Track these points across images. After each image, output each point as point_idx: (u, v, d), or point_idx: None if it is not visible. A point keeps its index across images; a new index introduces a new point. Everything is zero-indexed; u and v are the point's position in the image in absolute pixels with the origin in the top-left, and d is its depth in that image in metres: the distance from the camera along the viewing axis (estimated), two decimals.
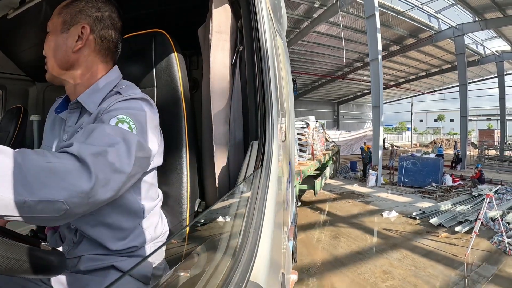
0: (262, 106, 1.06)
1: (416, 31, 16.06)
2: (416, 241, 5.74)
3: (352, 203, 8.77)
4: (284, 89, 1.87)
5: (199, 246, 0.73)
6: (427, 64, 22.11)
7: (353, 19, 13.74)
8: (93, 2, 1.04)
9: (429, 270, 4.62)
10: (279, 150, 1.14)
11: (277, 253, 0.96)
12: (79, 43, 1.01)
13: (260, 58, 1.10)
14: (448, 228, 6.31)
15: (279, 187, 1.08)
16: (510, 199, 7.87)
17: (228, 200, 0.86)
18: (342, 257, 5.04)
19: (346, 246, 5.49)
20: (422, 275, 4.44)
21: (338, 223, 6.84)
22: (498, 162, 18.41)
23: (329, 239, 5.84)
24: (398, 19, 14.15)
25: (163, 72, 1.28)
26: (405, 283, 4.24)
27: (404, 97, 35.33)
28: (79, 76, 1.04)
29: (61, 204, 0.66)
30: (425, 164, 11.43)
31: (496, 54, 19.55)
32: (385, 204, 8.24)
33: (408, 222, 6.89)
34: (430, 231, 6.21)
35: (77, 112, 1.06)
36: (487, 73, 23.29)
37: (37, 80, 2.43)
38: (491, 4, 12.06)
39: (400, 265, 4.77)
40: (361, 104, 36.67)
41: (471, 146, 22.44)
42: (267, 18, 1.20)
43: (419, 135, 40.89)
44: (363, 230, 6.41)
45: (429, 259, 4.98)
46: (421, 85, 29.28)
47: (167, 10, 1.55)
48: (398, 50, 18.31)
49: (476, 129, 34.76)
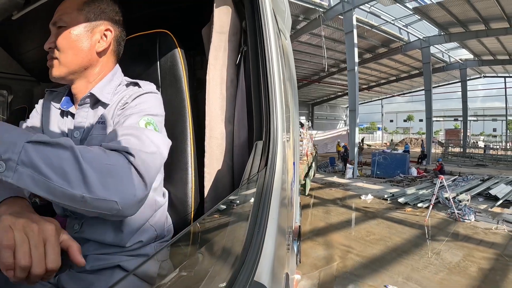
0: (266, 106, 1.05)
1: (388, 41, 17.94)
2: (388, 214, 7.73)
3: (335, 190, 10.74)
4: (289, 89, 1.86)
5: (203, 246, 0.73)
6: (397, 70, 24.21)
7: (332, 31, 15.24)
8: (113, 6, 1.08)
9: (399, 229, 6.60)
10: (283, 150, 1.14)
11: (281, 253, 0.96)
12: (103, 44, 1.05)
13: (264, 58, 1.09)
14: (412, 205, 8.31)
15: (284, 187, 1.08)
16: (463, 185, 10.56)
17: (232, 200, 0.86)
18: (335, 224, 6.95)
19: (337, 218, 7.48)
20: (394, 232, 6.41)
21: (326, 204, 8.81)
22: (460, 158, 21.22)
23: (322, 214, 7.80)
24: (372, 32, 15.91)
25: (167, 72, 1.28)
26: (383, 236, 6.17)
27: (376, 99, 38.47)
28: (95, 75, 1.07)
29: (115, 204, 0.73)
30: (394, 159, 13.75)
31: (460, 62, 21.99)
32: (362, 191, 10.18)
33: (381, 202, 8.91)
34: (399, 207, 8.26)
35: (87, 105, 1.07)
36: (453, 78, 25.86)
37: (41, 80, 2.44)
38: (454, 21, 14.13)
39: (378, 227, 6.73)
40: (334, 105, 39.31)
41: (438, 144, 25.89)
42: (271, 18, 1.20)
43: (389, 135, 44.46)
44: (347, 208, 8.47)
45: (399, 224, 6.97)
46: (391, 88, 31.76)
47: (172, 10, 1.55)
48: (371, 58, 20.09)
49: (443, 129, 38.39)
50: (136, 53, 1.22)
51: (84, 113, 1.07)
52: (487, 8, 12.52)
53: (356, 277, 4.32)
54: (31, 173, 0.64)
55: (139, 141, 0.84)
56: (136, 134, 0.86)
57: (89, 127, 1.05)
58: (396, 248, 5.48)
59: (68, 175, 0.67)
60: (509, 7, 12.09)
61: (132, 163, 0.78)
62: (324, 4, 12.97)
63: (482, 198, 9.10)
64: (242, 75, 1.27)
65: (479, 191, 9.64)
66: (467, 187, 10.30)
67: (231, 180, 1.25)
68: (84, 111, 1.07)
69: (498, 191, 9.22)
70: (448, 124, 35.86)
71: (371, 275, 4.36)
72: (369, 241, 5.88)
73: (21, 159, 0.63)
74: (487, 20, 13.86)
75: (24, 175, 0.63)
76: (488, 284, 4.16)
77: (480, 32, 15.04)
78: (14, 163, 0.62)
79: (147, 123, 0.92)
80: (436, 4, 12.73)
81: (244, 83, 1.26)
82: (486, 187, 10.09)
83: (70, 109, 1.10)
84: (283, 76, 1.40)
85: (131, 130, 0.88)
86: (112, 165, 0.74)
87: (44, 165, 0.65)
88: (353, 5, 12.46)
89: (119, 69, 1.15)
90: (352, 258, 5.04)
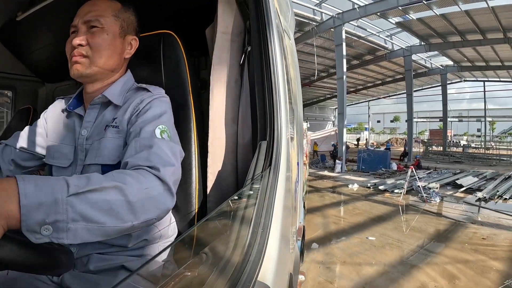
0: (270, 106, 1.05)
1: (374, 50, 19.45)
2: (370, 197, 9.50)
3: (326, 181, 12.70)
4: (293, 89, 1.86)
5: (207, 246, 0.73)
6: (383, 74, 25.97)
7: (323, 40, 16.60)
8: (136, 17, 1.17)
9: (378, 207, 8.28)
10: (287, 150, 1.13)
11: (285, 253, 0.96)
12: (130, 51, 1.15)
13: (268, 58, 1.09)
14: (391, 192, 9.96)
15: (288, 187, 1.08)
16: (436, 177, 12.47)
17: (236, 200, 0.85)
18: (328, 204, 8.73)
19: (329, 200, 9.29)
20: (374, 209, 8.07)
21: (321, 191, 10.55)
22: (440, 156, 22.78)
23: (317, 197, 9.55)
24: (359, 42, 17.42)
25: (171, 73, 1.29)
26: (365, 211, 7.83)
27: (362, 101, 40.42)
28: (116, 77, 1.13)
29: (154, 220, 0.80)
30: (377, 155, 15.66)
31: (440, 68, 23.97)
32: (349, 181, 11.98)
33: (365, 190, 10.64)
34: (379, 193, 10.00)
35: (98, 107, 1.10)
36: (435, 81, 27.73)
37: (46, 81, 2.45)
38: (434, 34, 16.09)
39: (362, 206, 8.44)
40: (323, 107, 40.82)
41: (421, 143, 28.71)
42: (275, 18, 1.20)
43: (376, 135, 46.92)
44: (337, 194, 10.31)
45: (378, 203, 8.71)
46: (378, 91, 33.59)
47: (175, 11, 1.55)
48: (358, 64, 21.78)
49: (428, 129, 41.16)
50: (140, 54, 1.23)
51: (94, 113, 1.10)
52: (463, 23, 14.25)
53: (346, 233, 6.17)
54: (84, 226, 0.63)
55: (160, 155, 0.89)
56: (156, 148, 0.90)
57: (98, 126, 1.07)
58: (375, 218, 7.25)
59: (119, 214, 0.69)
60: (482, 23, 13.89)
61: (161, 179, 0.82)
62: (317, 18, 14.40)
63: (450, 187, 10.85)
64: (246, 75, 1.27)
65: (448, 181, 11.58)
66: (439, 178, 12.19)
67: (235, 180, 1.25)
68: (94, 111, 1.10)
69: (464, 181, 11.13)
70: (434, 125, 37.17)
71: (357, 232, 6.20)
72: (355, 214, 7.67)
73: (70, 217, 0.61)
74: (463, 33, 15.61)
75: (79, 230, 0.62)
76: (441, 238, 5.90)
77: (457, 43, 17.00)
78: (64, 223, 0.60)
79: (162, 132, 0.96)
80: (416, 19, 14.31)
81: (248, 83, 1.26)
82: (456, 178, 11.87)
83: (77, 110, 1.13)
84: (287, 76, 1.40)
85: (149, 142, 0.92)
86: (148, 188, 0.78)
87: (96, 212, 0.65)
88: (343, 21, 14.16)
89: (130, 73, 1.20)
90: (343, 223, 6.88)
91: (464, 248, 5.30)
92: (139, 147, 0.91)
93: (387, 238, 5.78)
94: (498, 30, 14.38)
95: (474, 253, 5.08)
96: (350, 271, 4.43)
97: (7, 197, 0.55)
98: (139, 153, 0.89)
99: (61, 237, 0.60)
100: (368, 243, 5.57)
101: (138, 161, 0.86)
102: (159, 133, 0.95)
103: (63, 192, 0.61)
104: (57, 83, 2.40)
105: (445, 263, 4.66)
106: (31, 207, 0.56)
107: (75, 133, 1.11)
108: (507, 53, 17.56)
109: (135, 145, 0.92)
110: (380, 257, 4.92)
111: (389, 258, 4.86)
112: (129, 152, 0.92)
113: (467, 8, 12.61)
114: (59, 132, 1.16)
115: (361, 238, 5.81)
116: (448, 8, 12.81)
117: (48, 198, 0.59)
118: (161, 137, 0.94)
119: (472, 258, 4.87)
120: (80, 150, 1.07)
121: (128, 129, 1.01)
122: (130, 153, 0.91)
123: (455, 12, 13.15)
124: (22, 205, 0.55)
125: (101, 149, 1.02)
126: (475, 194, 9.15)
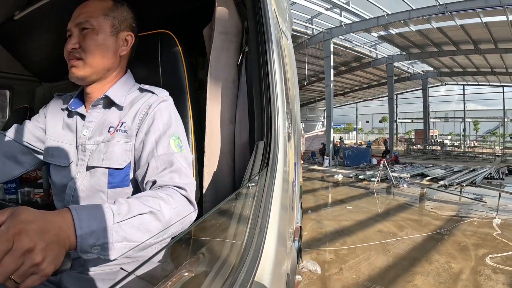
0: (268, 106, 1.05)
1: (359, 58, 21.54)
2: (351, 184, 11.48)
3: (316, 173, 14.83)
4: (290, 89, 1.86)
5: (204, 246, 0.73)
6: (368, 79, 28.11)
7: (314, 50, 18.59)
8: (132, 13, 1.16)
9: (358, 190, 10.29)
10: (285, 151, 1.13)
11: (282, 253, 0.96)
12: (125, 48, 1.13)
13: (266, 58, 1.09)
14: (368, 180, 11.82)
15: (285, 187, 1.08)
16: (409, 170, 14.18)
17: (233, 200, 0.85)
18: (318, 189, 10.84)
19: (319, 186, 11.48)
20: (354, 192, 10.04)
21: (312, 180, 12.65)
22: (420, 154, 24.83)
23: (310, 184, 11.43)
24: (346, 51, 19.55)
25: (169, 72, 1.29)
26: (346, 193, 9.78)
27: (351, 102, 42.64)
28: (112, 77, 1.13)
29: (179, 231, 0.89)
30: (360, 152, 18.34)
31: (421, 73, 26.04)
32: (335, 173, 13.82)
33: (348, 179, 12.68)
34: (359, 181, 12.04)
35: (100, 107, 1.10)
36: (418, 85, 29.59)
37: (43, 80, 2.44)
38: (412, 45, 18.57)
39: (344, 190, 10.47)
40: (313, 108, 42.75)
41: (406, 142, 31.29)
42: (273, 18, 1.20)
43: (365, 135, 48.55)
44: (325, 182, 12.50)
45: (358, 188, 10.71)
46: (364, 93, 35.92)
47: (173, 11, 1.55)
48: (346, 70, 23.90)
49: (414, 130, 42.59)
50: (138, 54, 1.22)
51: (96, 114, 1.10)
52: (438, 37, 16.46)
53: (331, 205, 8.30)
54: (126, 244, 0.74)
55: (181, 171, 0.97)
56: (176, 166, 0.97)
57: (100, 126, 1.07)
58: (353, 196, 9.30)
59: (153, 232, 0.80)
60: (454, 37, 16.05)
61: (185, 196, 0.92)
62: (308, 32, 16.67)
63: (419, 178, 12.67)
64: (244, 75, 1.27)
65: (418, 173, 13.53)
66: (411, 171, 14.08)
67: (232, 180, 1.25)
68: (96, 111, 1.10)
69: (432, 173, 13.15)
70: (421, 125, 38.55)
71: (339, 205, 8.26)
72: (338, 194, 9.86)
73: (115, 239, 0.71)
74: (439, 44, 17.82)
75: (121, 248, 0.73)
76: (401, 208, 7.81)
77: (434, 53, 19.39)
78: (111, 244, 0.71)
79: (176, 142, 1.02)
80: (396, 34, 16.32)
81: (246, 83, 1.26)
82: (426, 171, 13.84)
83: (78, 110, 1.11)
84: (284, 77, 1.40)
85: (168, 158, 0.99)
86: (177, 207, 0.87)
87: (135, 233, 0.75)
88: (331, 36, 16.33)
89: (130, 73, 1.21)
90: (329, 200, 9.12)
91: (415, 212, 7.45)
92: (161, 165, 0.97)
93: (360, 208, 7.81)
94: (469, 42, 16.60)
95: (421, 215, 7.12)
96: (333, 224, 6.40)
97: (66, 227, 0.65)
98: (162, 172, 0.96)
99: (107, 255, 0.71)
100: (346, 210, 7.63)
101: (164, 180, 0.94)
102: (174, 146, 1.01)
103: (109, 221, 0.71)
104: (54, 83, 2.39)
105: (399, 220, 6.60)
106: (85, 235, 0.67)
107: (76, 132, 1.10)
108: (481, 61, 19.95)
109: (156, 164, 0.98)
110: (354, 217, 6.93)
111: (360, 218, 6.84)
112: (151, 171, 0.97)
113: (440, 25, 14.76)
114: (59, 131, 1.14)
115: (342, 207, 7.95)
116: (423, 25, 14.93)
117: (99, 226, 0.70)
118: (176, 150, 1.01)
119: (419, 218, 6.85)
120: (81, 150, 1.06)
121: (139, 136, 1.03)
122: (153, 172, 0.97)
123: (429, 29, 15.25)
124: (78, 235, 0.66)
125: (109, 153, 1.02)
126: (439, 182, 11.17)
